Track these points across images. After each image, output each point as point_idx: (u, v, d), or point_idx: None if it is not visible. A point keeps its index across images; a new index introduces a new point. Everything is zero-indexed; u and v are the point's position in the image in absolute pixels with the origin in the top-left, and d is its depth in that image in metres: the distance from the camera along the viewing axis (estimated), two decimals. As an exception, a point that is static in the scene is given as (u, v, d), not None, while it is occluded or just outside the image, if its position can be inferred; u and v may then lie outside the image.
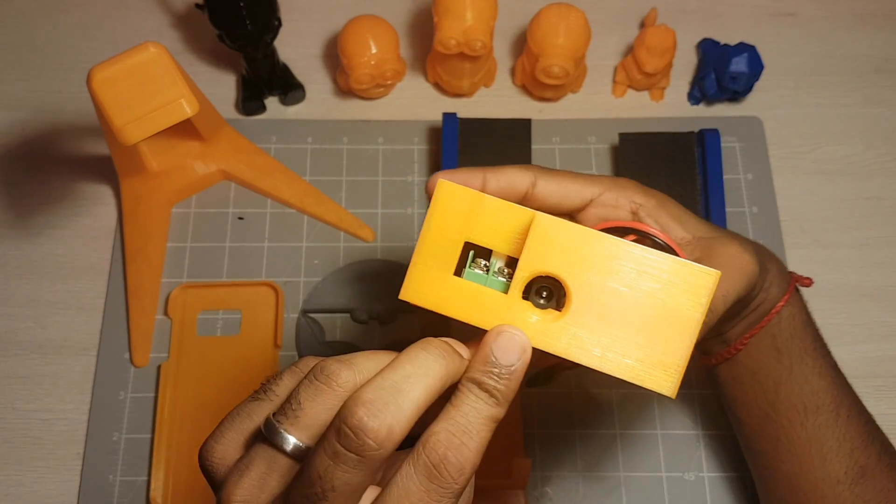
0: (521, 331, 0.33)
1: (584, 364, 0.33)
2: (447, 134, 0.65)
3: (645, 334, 0.33)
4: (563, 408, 0.60)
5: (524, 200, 0.43)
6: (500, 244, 0.34)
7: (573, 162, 0.68)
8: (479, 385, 0.32)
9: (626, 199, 0.44)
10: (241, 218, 0.66)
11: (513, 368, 0.32)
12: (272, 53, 0.68)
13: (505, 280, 0.34)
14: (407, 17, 0.75)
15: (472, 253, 0.35)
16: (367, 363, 0.32)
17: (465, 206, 0.35)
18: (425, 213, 0.70)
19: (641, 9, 0.75)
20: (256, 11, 0.62)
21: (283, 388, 0.34)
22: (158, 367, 0.60)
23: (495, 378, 0.32)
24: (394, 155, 0.69)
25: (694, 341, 0.33)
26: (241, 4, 0.61)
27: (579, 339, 0.33)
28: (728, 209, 0.66)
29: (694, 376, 0.61)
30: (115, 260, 0.64)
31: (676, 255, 0.38)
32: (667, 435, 0.60)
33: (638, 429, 0.60)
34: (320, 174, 0.68)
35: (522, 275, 0.34)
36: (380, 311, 0.62)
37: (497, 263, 0.35)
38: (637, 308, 0.33)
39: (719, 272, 0.33)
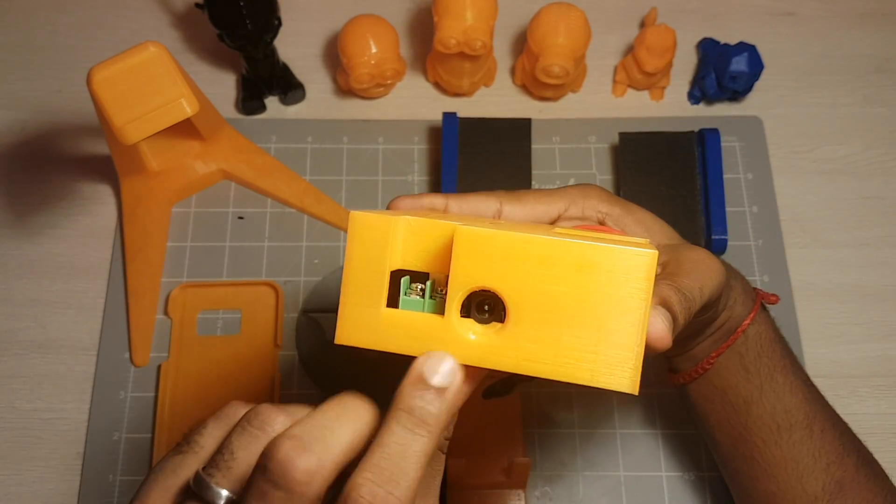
0: (449, 354, 0.31)
1: (536, 376, 0.31)
2: (447, 133, 0.65)
3: (593, 333, 0.30)
4: (563, 408, 0.60)
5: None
6: (432, 264, 0.32)
7: (573, 161, 0.68)
8: (410, 411, 0.29)
9: (591, 210, 0.45)
10: (241, 217, 0.66)
11: (445, 392, 0.30)
12: (272, 53, 0.68)
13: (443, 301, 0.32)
14: (407, 16, 0.75)
15: (405, 279, 0.33)
16: (301, 410, 0.31)
17: (383, 233, 0.32)
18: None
19: (641, 8, 0.75)
20: (256, 11, 0.62)
21: (207, 437, 0.32)
22: (158, 367, 0.60)
23: (426, 401, 0.30)
24: (394, 154, 0.69)
25: (644, 330, 0.30)
26: (241, 4, 0.61)
27: (527, 350, 0.31)
28: (728, 209, 0.66)
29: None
30: (115, 259, 0.64)
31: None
32: (667, 435, 0.60)
33: (638, 428, 0.60)
34: (320, 174, 0.68)
35: (455, 293, 0.31)
36: (380, 311, 0.62)
37: (433, 285, 0.33)
38: (580, 307, 0.31)
39: (656, 251, 0.30)
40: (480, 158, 0.65)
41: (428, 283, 0.33)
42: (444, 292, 0.32)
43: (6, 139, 0.69)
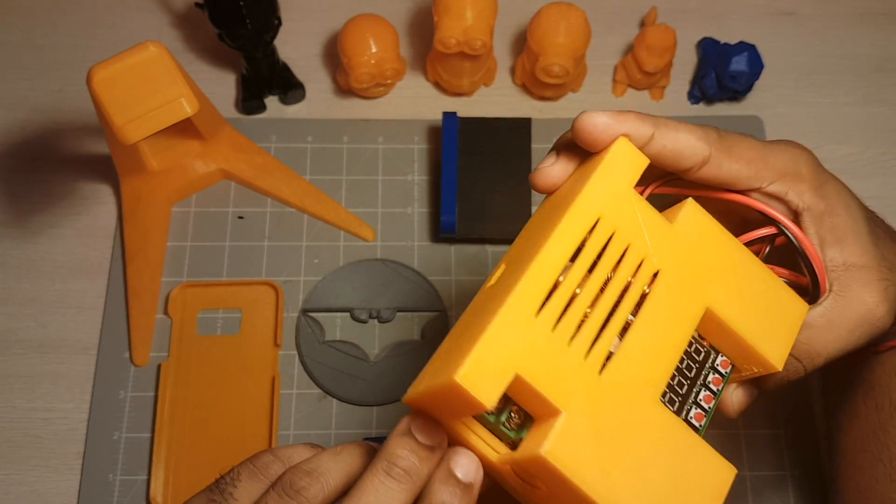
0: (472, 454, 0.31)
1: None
2: (447, 133, 0.65)
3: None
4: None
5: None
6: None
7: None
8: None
9: (796, 196, 0.38)
10: (241, 217, 0.66)
11: (471, 486, 0.31)
12: (272, 52, 0.68)
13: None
14: (407, 16, 0.75)
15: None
16: (333, 469, 0.32)
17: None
18: (426, 212, 0.69)
19: (641, 8, 0.75)
20: (256, 10, 0.62)
21: (242, 491, 0.32)
22: (158, 367, 0.60)
23: (457, 497, 0.31)
24: (394, 154, 0.69)
25: None
26: (241, 3, 0.61)
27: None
28: (728, 208, 0.66)
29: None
30: (115, 259, 0.64)
31: (816, 283, 0.36)
32: (667, 434, 0.60)
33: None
34: (320, 173, 0.68)
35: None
36: (380, 311, 0.62)
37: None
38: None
39: (733, 472, 0.31)
40: (480, 158, 0.65)
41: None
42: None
43: (6, 139, 0.69)
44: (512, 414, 0.30)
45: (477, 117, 0.67)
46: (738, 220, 0.39)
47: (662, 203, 0.37)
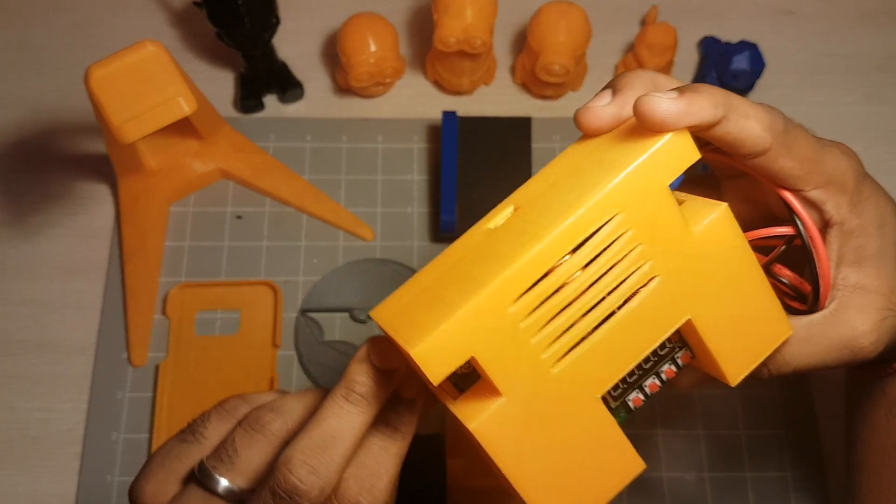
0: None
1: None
2: (447, 132, 0.65)
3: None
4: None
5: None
6: None
7: (573, 160, 0.68)
8: (387, 423, 0.33)
9: (833, 206, 0.36)
10: (239, 217, 0.66)
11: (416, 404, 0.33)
12: (271, 51, 0.68)
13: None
14: (406, 14, 0.74)
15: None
16: (296, 407, 0.34)
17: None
18: (426, 212, 0.68)
19: (642, 6, 0.75)
20: (255, 9, 0.62)
21: (211, 430, 0.34)
22: (156, 367, 0.60)
23: (402, 416, 0.33)
24: (393, 153, 0.68)
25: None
26: (240, 2, 0.61)
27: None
28: (729, 208, 0.66)
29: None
30: (112, 259, 0.64)
31: (817, 297, 0.35)
32: (667, 435, 0.59)
33: (638, 428, 0.60)
34: (319, 173, 0.67)
35: None
36: (379, 311, 0.62)
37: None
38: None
39: (641, 467, 0.32)
40: (480, 157, 0.65)
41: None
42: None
43: (3, 138, 0.69)
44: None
45: (477, 116, 0.66)
46: (763, 206, 0.37)
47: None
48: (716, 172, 0.40)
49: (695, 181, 0.39)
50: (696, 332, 0.32)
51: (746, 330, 0.33)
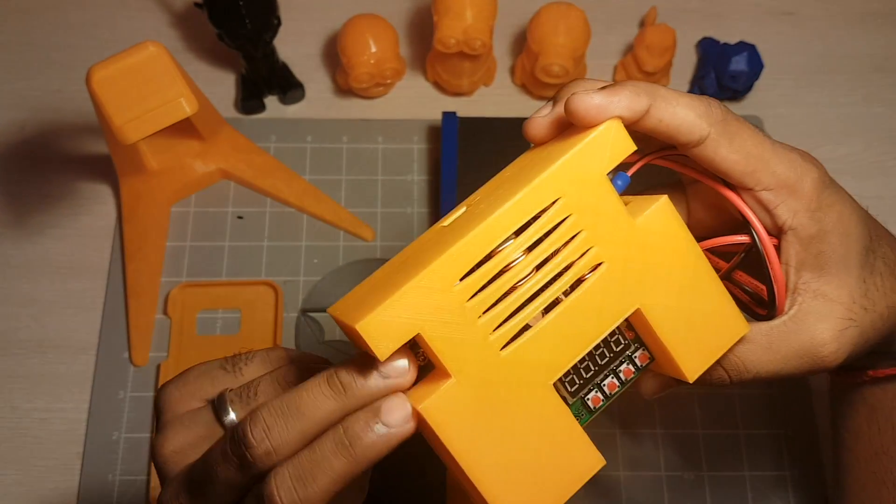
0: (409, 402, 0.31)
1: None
2: (447, 133, 0.65)
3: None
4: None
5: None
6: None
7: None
8: (346, 431, 0.31)
9: (787, 212, 0.35)
10: (240, 217, 0.66)
11: (392, 432, 0.31)
12: (271, 52, 0.68)
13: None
14: (406, 16, 0.75)
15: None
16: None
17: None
18: (426, 212, 0.69)
19: (641, 8, 0.75)
20: (255, 10, 0.62)
21: (250, 369, 0.35)
22: (158, 367, 0.60)
23: (370, 433, 0.31)
24: (393, 154, 0.69)
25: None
26: (241, 3, 0.61)
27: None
28: (728, 208, 0.66)
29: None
30: (114, 259, 0.64)
31: (773, 302, 0.35)
32: (667, 435, 0.60)
33: (638, 428, 0.60)
34: (320, 173, 0.68)
35: None
36: (379, 311, 0.62)
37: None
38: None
39: (600, 463, 0.32)
40: (480, 158, 0.65)
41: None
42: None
43: (5, 139, 0.69)
44: (419, 355, 0.32)
45: (477, 117, 0.67)
46: (728, 213, 0.37)
47: (656, 178, 0.36)
48: (682, 178, 0.40)
49: (660, 188, 0.39)
50: (648, 324, 0.33)
51: (700, 324, 0.33)
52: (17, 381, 0.61)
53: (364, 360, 0.31)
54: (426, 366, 0.32)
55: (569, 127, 0.34)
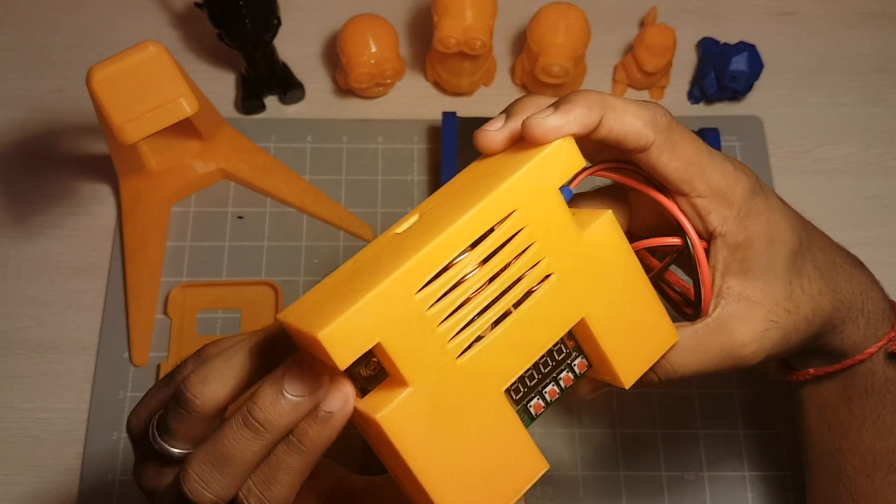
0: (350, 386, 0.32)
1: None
2: (447, 133, 0.65)
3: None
4: (562, 408, 0.60)
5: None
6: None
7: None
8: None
9: (717, 219, 0.37)
10: (240, 217, 0.66)
11: (332, 415, 0.32)
12: (271, 52, 0.68)
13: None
14: (406, 16, 0.75)
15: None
16: (230, 374, 0.34)
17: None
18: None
19: (641, 8, 0.75)
20: (256, 10, 0.62)
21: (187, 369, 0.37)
22: (158, 367, 0.60)
23: (307, 431, 0.32)
24: (393, 154, 0.69)
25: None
26: (241, 3, 0.61)
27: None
28: (728, 208, 0.66)
29: (694, 375, 0.61)
30: (114, 259, 0.64)
31: (699, 304, 0.37)
32: (667, 435, 0.60)
33: (638, 428, 0.60)
34: (320, 173, 0.68)
35: None
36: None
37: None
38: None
39: (544, 467, 0.33)
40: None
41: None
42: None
43: (5, 139, 0.69)
44: (370, 363, 0.32)
45: (477, 117, 0.67)
46: (665, 217, 0.39)
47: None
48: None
49: (604, 193, 0.41)
50: (591, 333, 0.34)
51: (636, 334, 0.35)
52: (17, 381, 0.61)
53: (281, 381, 0.32)
54: (377, 375, 0.32)
55: (521, 140, 0.35)
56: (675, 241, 0.38)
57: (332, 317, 0.29)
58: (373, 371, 0.32)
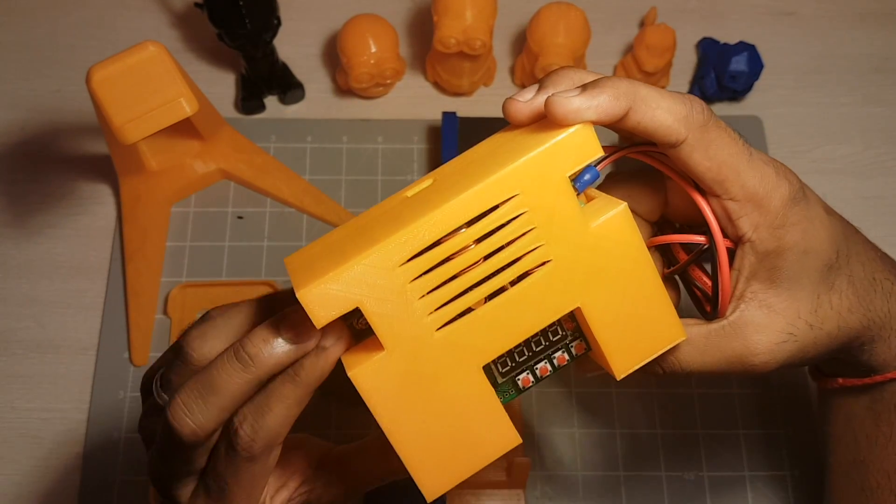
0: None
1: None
2: (447, 133, 0.65)
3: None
4: (563, 407, 0.60)
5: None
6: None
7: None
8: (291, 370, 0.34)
9: (747, 224, 0.35)
10: (240, 217, 0.66)
11: (327, 350, 0.33)
12: (271, 52, 0.68)
13: None
14: (406, 16, 0.75)
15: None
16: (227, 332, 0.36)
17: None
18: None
19: (641, 8, 0.75)
20: (255, 10, 0.62)
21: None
22: (158, 367, 0.60)
23: (302, 363, 0.34)
24: (393, 154, 0.69)
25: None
26: (241, 3, 0.61)
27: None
28: (728, 208, 0.66)
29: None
30: (114, 259, 0.64)
31: (716, 305, 0.36)
32: (667, 435, 0.60)
33: (638, 428, 0.60)
34: (320, 173, 0.68)
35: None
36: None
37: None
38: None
39: (516, 441, 0.34)
40: (480, 158, 0.65)
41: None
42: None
43: (5, 139, 0.69)
44: (362, 318, 0.33)
45: (477, 117, 0.67)
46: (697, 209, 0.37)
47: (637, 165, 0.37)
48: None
49: (642, 175, 0.39)
50: (586, 322, 0.34)
51: (636, 328, 0.35)
52: (17, 381, 0.61)
53: (278, 322, 0.33)
54: (367, 330, 0.33)
55: (546, 117, 0.35)
56: (701, 238, 0.37)
57: (315, 276, 0.31)
58: (364, 326, 0.33)
